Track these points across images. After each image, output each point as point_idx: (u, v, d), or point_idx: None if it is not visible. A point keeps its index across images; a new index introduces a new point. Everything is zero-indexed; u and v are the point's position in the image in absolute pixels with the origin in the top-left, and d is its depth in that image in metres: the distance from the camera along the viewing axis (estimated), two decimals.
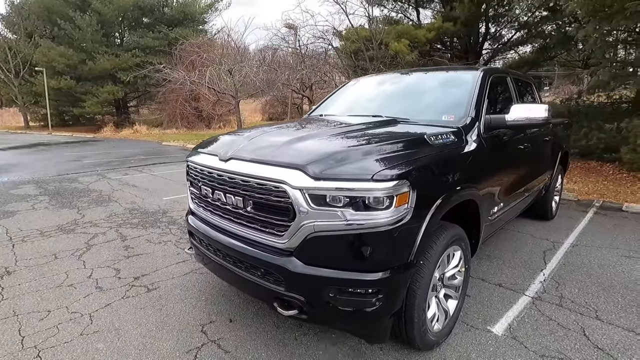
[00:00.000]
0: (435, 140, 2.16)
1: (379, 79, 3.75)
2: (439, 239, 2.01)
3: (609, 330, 2.43)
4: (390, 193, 1.68)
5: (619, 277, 3.20)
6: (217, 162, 2.11)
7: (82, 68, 23.69)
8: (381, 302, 1.76)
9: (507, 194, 2.97)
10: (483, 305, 2.73)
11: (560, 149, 4.61)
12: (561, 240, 4.09)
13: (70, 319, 2.51)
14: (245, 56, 15.83)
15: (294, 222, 1.75)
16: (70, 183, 7.18)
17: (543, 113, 2.55)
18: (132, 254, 3.66)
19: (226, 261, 2.15)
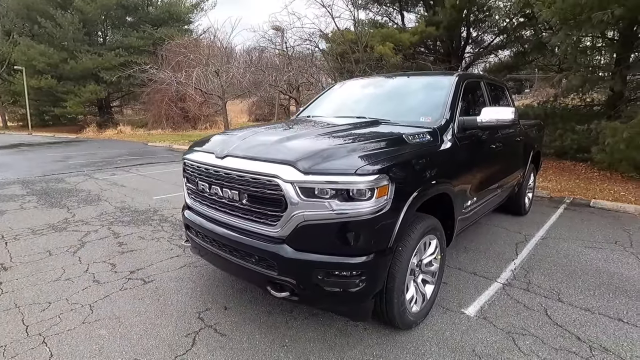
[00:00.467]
0: (413, 139, 2.39)
1: (363, 83, 3.98)
2: (415, 228, 2.24)
3: (568, 310, 2.71)
4: (372, 186, 1.89)
5: (581, 265, 3.51)
6: (214, 160, 2.28)
7: (64, 67, 23.25)
8: (364, 284, 1.97)
9: (480, 190, 3.23)
10: (458, 291, 2.98)
11: (532, 149, 4.94)
12: (532, 233, 4.40)
13: (71, 310, 2.64)
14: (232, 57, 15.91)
15: (286, 212, 1.95)
16: (57, 183, 7.17)
17: (510, 115, 2.82)
18: (126, 250, 3.78)
19: (222, 251, 2.32)
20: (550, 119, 9.70)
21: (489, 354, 2.20)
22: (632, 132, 6.36)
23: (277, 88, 13.11)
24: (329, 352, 2.22)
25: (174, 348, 2.22)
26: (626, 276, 3.27)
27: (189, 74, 12.90)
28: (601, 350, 2.25)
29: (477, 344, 2.29)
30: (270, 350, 2.23)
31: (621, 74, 8.22)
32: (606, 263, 3.55)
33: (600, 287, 3.07)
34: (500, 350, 2.24)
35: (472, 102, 3.48)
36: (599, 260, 3.63)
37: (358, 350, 2.22)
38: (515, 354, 2.21)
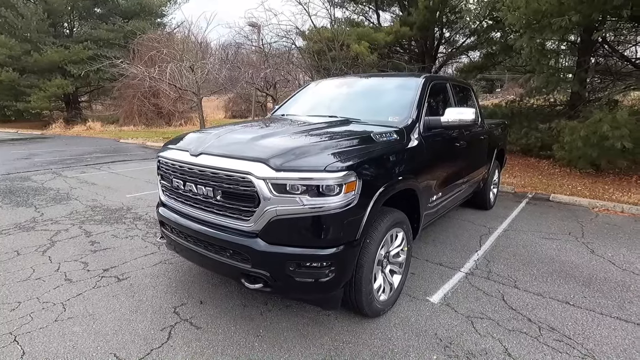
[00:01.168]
0: (380, 138, 2.54)
1: (336, 82, 4.11)
2: (382, 221, 2.38)
3: (523, 295, 2.95)
4: (340, 182, 2.02)
5: (537, 254, 3.79)
6: (189, 157, 2.34)
7: (27, 60, 22.05)
8: (333, 274, 2.10)
9: (445, 185, 3.43)
10: (425, 280, 3.17)
11: (496, 147, 5.24)
12: (496, 226, 4.68)
13: (42, 308, 2.62)
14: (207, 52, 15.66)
15: (259, 207, 2.04)
16: (22, 182, 6.90)
17: (471, 115, 3.02)
18: (98, 248, 3.74)
19: (197, 246, 2.39)
20: (517, 118, 10.20)
21: (449, 337, 2.39)
22: (588, 131, 6.82)
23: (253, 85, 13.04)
24: (302, 339, 2.33)
25: (150, 341, 2.27)
26: (576, 264, 3.57)
27: (163, 69, 12.62)
28: (548, 330, 2.48)
29: (439, 328, 2.48)
30: (245, 340, 2.32)
31: (580, 76, 8.76)
32: (559, 252, 3.85)
33: (552, 274, 3.35)
34: (459, 333, 2.43)
35: (439, 102, 3.68)
36: (553, 249, 3.93)
37: (329, 337, 2.35)
38: (472, 335, 2.40)
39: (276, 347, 2.26)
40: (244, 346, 2.26)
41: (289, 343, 2.30)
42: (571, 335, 2.43)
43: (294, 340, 2.33)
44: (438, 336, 2.39)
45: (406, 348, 2.27)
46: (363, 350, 2.24)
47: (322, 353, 2.21)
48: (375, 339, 2.35)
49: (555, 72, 9.05)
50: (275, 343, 2.29)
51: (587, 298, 2.92)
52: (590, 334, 2.45)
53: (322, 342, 2.31)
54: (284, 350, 2.23)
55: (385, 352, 2.24)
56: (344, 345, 2.28)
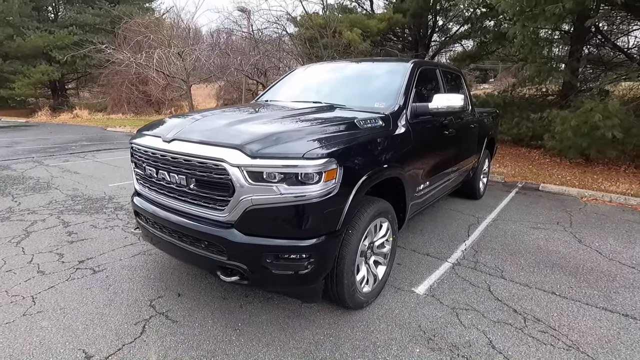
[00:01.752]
0: (364, 124, 2.43)
1: (324, 68, 3.97)
2: (366, 211, 2.29)
3: (509, 285, 2.91)
4: (319, 170, 1.91)
5: (525, 244, 3.76)
6: (161, 144, 2.21)
7: (10, 45, 21.32)
8: (313, 266, 2.01)
9: (433, 174, 3.35)
10: (411, 271, 3.11)
11: (487, 136, 5.16)
12: (484, 216, 4.64)
13: (11, 302, 2.50)
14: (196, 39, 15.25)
15: (234, 197, 1.93)
16: (1, 170, 6.67)
17: (460, 102, 2.92)
18: (76, 239, 3.61)
19: (172, 237, 2.28)
20: (509, 108, 10.15)
21: (433, 329, 2.33)
22: (579, 121, 6.79)
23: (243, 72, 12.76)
24: (281, 333, 2.26)
25: (122, 336, 2.18)
26: (563, 253, 3.54)
27: (150, 55, 12.26)
28: (534, 321, 2.44)
29: (422, 320, 2.42)
30: (223, 334, 2.23)
31: (572, 65, 8.70)
32: (547, 242, 3.82)
33: (539, 264, 3.31)
34: (443, 325, 2.37)
35: (428, 89, 3.57)
36: (541, 239, 3.90)
37: (309, 331, 2.28)
38: (457, 327, 2.35)
39: (254, 341, 2.18)
40: (221, 340, 2.17)
41: (268, 337, 2.22)
42: (556, 327, 2.39)
43: (274, 334, 2.25)
44: (422, 328, 2.34)
45: (388, 341, 2.21)
46: (344, 344, 2.17)
47: (301, 347, 2.14)
48: (357, 332, 2.28)
49: (548, 62, 8.98)
50: (254, 337, 2.22)
51: (573, 288, 2.88)
52: (575, 325, 2.41)
53: (302, 336, 2.24)
54: (262, 344, 2.15)
55: (366, 345, 2.17)
56: (324, 339, 2.21)
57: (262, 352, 2.09)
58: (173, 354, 2.05)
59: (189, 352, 2.07)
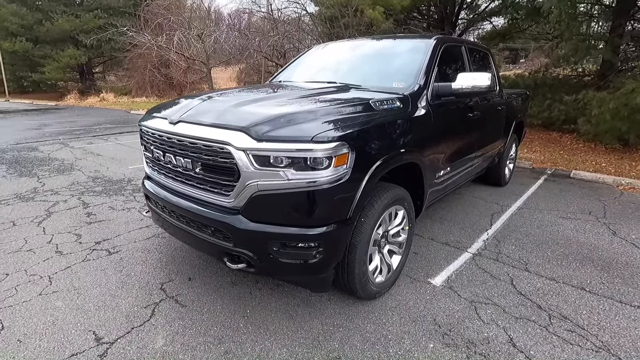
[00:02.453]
0: (380, 105, 2.26)
1: (342, 46, 3.77)
2: (380, 198, 2.16)
3: (533, 279, 2.73)
4: (330, 154, 1.79)
5: (553, 235, 3.53)
6: (167, 125, 2.14)
7: (39, 29, 21.95)
8: (322, 255, 1.91)
9: (455, 160, 3.15)
10: (428, 261, 2.97)
11: (515, 119, 4.84)
12: (509, 204, 4.40)
13: (29, 281, 2.57)
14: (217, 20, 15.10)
15: (239, 182, 1.85)
16: (29, 152, 6.91)
17: (486, 81, 2.68)
18: (94, 220, 3.67)
19: (180, 221, 2.23)
20: (540, 89, 9.55)
21: (449, 323, 2.21)
22: (618, 103, 6.28)
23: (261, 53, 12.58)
24: (290, 322, 2.20)
25: (131, 319, 2.18)
26: (595, 246, 3.29)
27: (170, 38, 12.26)
28: (560, 319, 2.27)
29: (438, 314, 2.30)
30: (231, 320, 2.20)
31: (613, 42, 8.01)
32: (577, 233, 3.58)
33: (568, 256, 3.09)
34: (460, 320, 2.24)
35: (452, 68, 3.33)
36: (570, 230, 3.65)
37: (319, 321, 2.21)
38: (475, 322, 2.22)
39: (262, 329, 2.13)
40: (228, 327, 2.14)
41: (277, 325, 2.17)
42: (585, 325, 2.21)
43: (282, 322, 2.20)
44: (437, 322, 2.22)
45: (401, 334, 2.11)
46: (354, 336, 2.09)
47: (310, 337, 2.08)
48: (368, 324, 2.19)
49: (586, 39, 8.31)
50: (262, 325, 2.17)
51: (606, 284, 2.67)
52: (606, 325, 2.23)
53: (311, 325, 2.17)
54: (270, 332, 2.10)
55: (377, 338, 2.08)
56: (334, 330, 2.14)
57: (269, 341, 2.04)
58: (180, 339, 2.04)
59: (196, 337, 2.05)
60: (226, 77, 28.12)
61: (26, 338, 2.02)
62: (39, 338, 2.02)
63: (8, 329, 2.08)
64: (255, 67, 19.42)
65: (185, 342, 2.02)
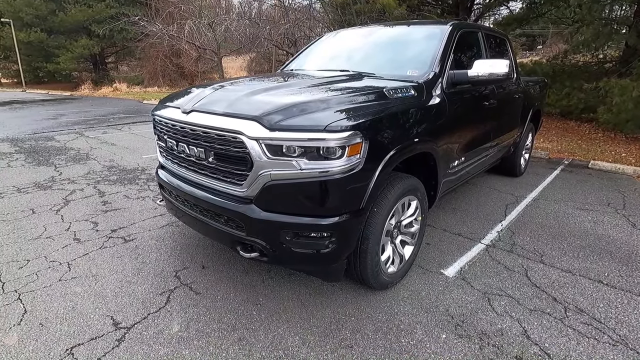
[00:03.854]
0: (394, 94, 2.22)
1: (355, 33, 3.69)
2: (393, 189, 2.14)
3: (549, 271, 2.68)
4: (343, 143, 1.76)
5: (569, 226, 3.45)
6: (180, 115, 2.14)
7: (53, 20, 22.20)
8: (334, 245, 1.91)
9: (470, 149, 3.09)
10: (441, 252, 2.95)
11: (532, 107, 4.71)
12: (524, 195, 4.31)
13: (49, 267, 2.64)
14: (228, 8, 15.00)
15: (252, 171, 1.85)
16: (46, 141, 7.06)
17: (504, 68, 2.60)
18: (110, 208, 3.75)
19: (193, 210, 2.26)
20: (558, 77, 9.24)
21: (462, 314, 2.20)
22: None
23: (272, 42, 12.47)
24: (302, 310, 2.22)
25: (147, 305, 2.23)
26: (613, 238, 3.22)
27: (181, 27, 12.25)
28: (576, 312, 2.23)
29: (451, 305, 2.29)
30: (244, 308, 2.23)
31: (638, 27, 7.67)
32: (595, 225, 3.49)
33: (585, 249, 3.03)
34: (473, 311, 2.23)
35: (469, 55, 3.24)
36: (588, 222, 3.57)
37: (331, 310, 2.22)
38: (488, 314, 2.20)
39: (275, 317, 2.16)
40: (241, 315, 2.17)
41: (289, 313, 2.19)
42: (602, 319, 2.17)
43: (294, 310, 2.22)
44: (449, 313, 2.21)
45: (413, 325, 2.11)
46: (366, 325, 2.10)
47: (322, 326, 2.09)
48: (380, 313, 2.20)
49: (608, 23, 7.97)
50: (274, 313, 2.19)
51: (624, 278, 2.61)
52: (624, 318, 2.18)
53: (323, 314, 2.19)
54: (282, 321, 2.13)
55: (389, 327, 2.09)
56: (346, 319, 2.15)
57: (281, 329, 2.06)
58: (195, 325, 2.08)
59: (210, 324, 2.09)
60: (237, 67, 28.06)
61: (47, 322, 2.08)
62: (60, 322, 2.08)
63: (30, 313, 2.15)
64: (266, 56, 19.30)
65: (199, 328, 2.05)
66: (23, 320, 2.10)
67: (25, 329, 2.03)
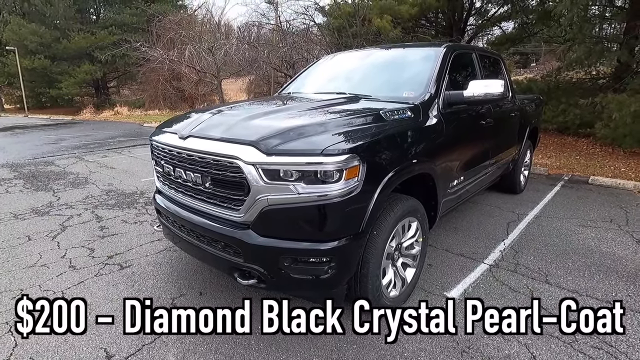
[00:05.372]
0: (391, 116, 2.23)
1: (349, 56, 3.76)
2: (392, 210, 2.11)
3: (555, 292, 2.62)
4: (340, 167, 1.75)
5: (573, 244, 3.40)
6: (177, 140, 2.14)
7: (57, 47, 22.78)
8: (334, 270, 1.87)
9: (468, 168, 3.08)
10: (443, 273, 2.89)
11: (529, 125, 4.74)
12: (526, 212, 4.27)
13: (42, 297, 2.57)
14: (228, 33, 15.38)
15: (249, 196, 1.82)
16: (46, 166, 7.07)
17: (499, 88, 2.63)
18: (107, 234, 3.70)
19: (190, 236, 2.22)
20: (554, 94, 9.37)
21: (467, 339, 2.12)
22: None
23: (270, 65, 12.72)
24: (302, 337, 2.14)
25: (142, 336, 2.16)
26: (619, 256, 3.16)
27: (182, 51, 12.53)
28: (585, 334, 2.16)
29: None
30: (241, 336, 2.15)
31: (628, 44, 7.84)
32: (599, 242, 3.44)
33: (590, 267, 2.97)
34: (479, 336, 2.15)
35: (463, 75, 3.28)
36: (592, 239, 3.52)
37: (332, 336, 2.15)
38: (495, 339, 2.12)
39: (274, 345, 2.08)
40: (239, 344, 2.10)
41: (288, 341, 2.12)
42: (613, 342, 2.10)
43: (294, 337, 2.14)
44: (455, 338, 2.14)
45: (417, 351, 2.03)
46: (369, 353, 2.03)
47: (323, 355, 2.02)
48: (382, 340, 2.12)
49: (599, 42, 8.14)
50: (273, 341, 2.12)
51: (632, 297, 2.54)
52: (636, 341, 2.11)
53: (324, 341, 2.12)
54: (281, 350, 2.05)
55: (393, 355, 2.01)
56: (347, 347, 2.08)
57: (282, 358, 1.99)
58: (191, 357, 2.00)
59: (207, 355, 2.01)
60: (236, 89, 28.51)
61: (38, 356, 2.01)
62: (51, 356, 2.01)
63: (21, 347, 2.08)
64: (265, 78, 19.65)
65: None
66: (13, 355, 2.02)
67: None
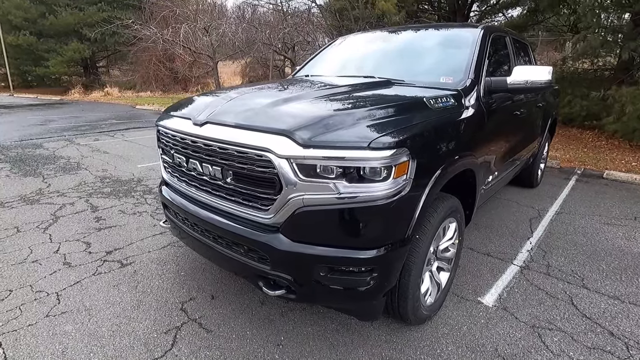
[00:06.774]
0: (435, 104, 1.96)
1: (370, 37, 3.45)
2: (436, 212, 1.87)
3: (595, 298, 2.44)
4: (389, 163, 1.49)
5: (602, 244, 3.22)
6: (191, 127, 1.85)
7: (43, 23, 21.65)
8: (375, 281, 1.63)
9: (502, 162, 2.85)
10: (473, 275, 2.69)
11: (550, 116, 4.52)
12: (546, 208, 4.09)
13: (34, 299, 2.30)
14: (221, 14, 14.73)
15: (281, 195, 1.56)
16: (34, 149, 6.66)
17: (546, 76, 2.37)
18: (104, 225, 3.41)
19: (205, 237, 1.95)
20: (559, 84, 9.16)
21: (514, 355, 1.93)
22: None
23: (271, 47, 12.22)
24: (331, 351, 1.93)
25: (151, 348, 1.91)
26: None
27: (176, 31, 11.93)
28: (639, 349, 1.98)
29: (499, 342, 2.01)
30: (264, 350, 1.93)
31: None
32: (629, 242, 3.27)
33: (626, 270, 2.80)
34: (526, 350, 1.96)
35: (497, 61, 3.01)
36: (620, 238, 3.34)
37: (364, 351, 1.93)
38: (543, 354, 1.93)
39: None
40: (261, 359, 1.87)
41: (316, 356, 1.90)
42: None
43: (322, 352, 1.92)
44: (499, 353, 1.94)
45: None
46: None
47: None
48: (421, 355, 1.91)
49: (613, 31, 7.89)
50: (299, 355, 1.90)
51: None
52: None
53: (356, 356, 1.90)
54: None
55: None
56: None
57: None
58: None
59: None
60: (230, 72, 27.72)
61: None
62: None
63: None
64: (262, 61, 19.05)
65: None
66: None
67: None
